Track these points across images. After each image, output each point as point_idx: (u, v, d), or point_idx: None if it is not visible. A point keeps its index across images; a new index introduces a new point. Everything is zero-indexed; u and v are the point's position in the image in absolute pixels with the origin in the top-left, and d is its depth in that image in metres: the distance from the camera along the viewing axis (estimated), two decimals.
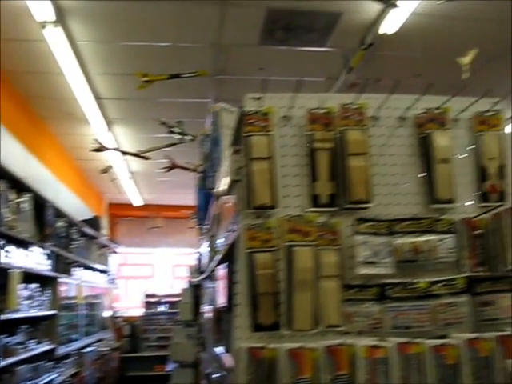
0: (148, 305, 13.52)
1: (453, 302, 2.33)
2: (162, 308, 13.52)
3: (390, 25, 5.56)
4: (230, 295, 2.58)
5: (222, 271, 3.10)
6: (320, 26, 5.85)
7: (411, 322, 2.30)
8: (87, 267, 9.79)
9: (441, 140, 2.52)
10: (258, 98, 2.40)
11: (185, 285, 8.51)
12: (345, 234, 2.34)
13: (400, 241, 2.35)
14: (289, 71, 6.75)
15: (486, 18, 5.62)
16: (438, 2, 5.05)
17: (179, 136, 6.83)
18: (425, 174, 2.51)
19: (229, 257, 2.76)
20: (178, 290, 9.91)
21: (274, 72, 6.71)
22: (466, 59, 5.41)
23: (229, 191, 2.68)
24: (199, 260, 6.78)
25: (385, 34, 5.76)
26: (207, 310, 4.68)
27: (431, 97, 2.60)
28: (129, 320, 13.23)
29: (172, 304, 12.78)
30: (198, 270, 6.91)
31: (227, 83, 7.03)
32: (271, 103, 2.42)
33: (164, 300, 13.50)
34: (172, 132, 6.87)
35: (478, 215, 2.47)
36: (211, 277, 4.25)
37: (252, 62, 6.53)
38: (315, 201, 2.38)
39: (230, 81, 6.96)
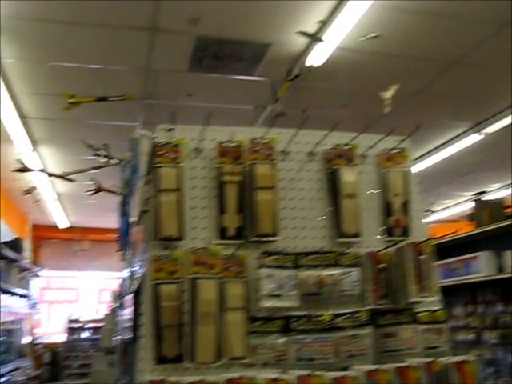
0: (71, 330, 13.08)
1: (356, 334, 2.39)
2: (85, 334, 13.11)
3: (316, 58, 5.73)
4: (135, 326, 2.54)
5: (129, 301, 3.05)
6: (249, 55, 5.96)
7: (315, 354, 2.33)
8: (6, 291, 9.39)
9: (348, 175, 2.60)
10: (170, 130, 2.41)
11: (107, 310, 8.30)
12: (251, 267, 2.36)
13: (305, 274, 2.39)
14: (217, 98, 6.84)
15: (407, 54, 5.88)
16: (361, 39, 5.26)
17: (105, 159, 6.71)
18: (332, 208, 2.58)
19: (138, 287, 2.72)
20: (102, 316, 9.65)
21: (203, 99, 6.80)
22: (388, 94, 5.63)
23: (139, 221, 2.66)
24: (121, 285, 6.64)
25: (311, 66, 5.92)
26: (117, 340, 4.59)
27: (340, 133, 2.69)
28: (50, 347, 12.74)
29: (96, 330, 12.42)
30: (119, 295, 6.76)
31: (156, 108, 7.02)
32: (182, 135, 2.43)
33: (88, 326, 13.10)
34: (97, 155, 6.74)
35: (383, 249, 2.55)
36: (122, 305, 4.18)
37: (181, 87, 6.56)
38: (223, 233, 2.39)
39: (159, 105, 6.95)
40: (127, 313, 3.22)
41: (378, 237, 2.65)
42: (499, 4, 4.97)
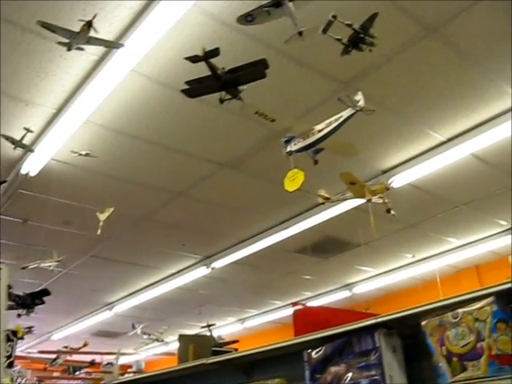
0: None
1: None
2: None
3: (32, 166, 5.33)
4: None
5: None
6: None
7: None
8: None
9: None
10: None
11: None
12: None
13: None
14: None
15: (130, 179, 5.77)
16: (73, 154, 5.01)
17: None
18: None
19: None
20: None
21: None
22: (103, 215, 5.37)
23: None
24: None
25: (28, 175, 5.48)
26: None
27: None
28: None
29: None
30: None
31: None
32: None
33: None
34: None
35: None
36: None
37: None
38: None
39: None
40: None
41: None
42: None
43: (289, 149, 3.58)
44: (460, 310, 2.01)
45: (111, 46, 3.55)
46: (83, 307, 10.62)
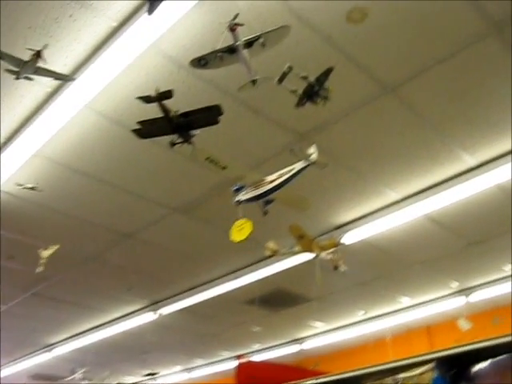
0: None
1: None
2: None
3: None
4: None
5: None
6: None
7: None
8: None
9: None
10: None
11: None
12: None
13: None
14: None
15: (77, 215, 5.58)
16: (18, 187, 4.83)
17: None
18: None
19: None
20: None
21: None
22: (46, 253, 5.18)
23: None
24: None
25: None
26: None
27: None
28: None
29: None
30: None
31: None
32: None
33: None
34: None
35: None
36: None
37: None
38: None
39: None
40: None
41: None
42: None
43: (238, 198, 3.50)
44: (401, 376, 1.96)
45: (61, 78, 3.45)
46: (22, 347, 10.13)
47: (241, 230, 3.43)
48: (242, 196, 3.48)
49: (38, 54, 2.94)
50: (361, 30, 3.41)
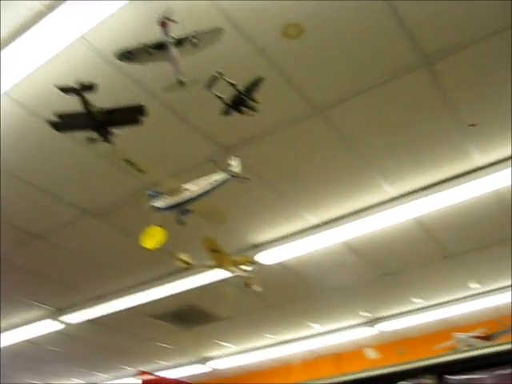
0: None
1: None
2: None
3: None
4: None
5: None
6: None
7: None
8: None
9: None
10: None
11: None
12: None
13: None
14: None
15: None
16: None
17: None
18: None
19: None
20: None
21: None
22: None
23: None
24: None
25: None
26: None
27: None
28: None
29: None
30: None
31: None
32: None
33: None
34: None
35: None
36: None
37: None
38: None
39: None
40: None
41: None
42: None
43: (154, 204, 3.35)
44: None
45: None
46: None
47: (153, 238, 3.29)
48: (159, 203, 3.34)
49: None
50: (296, 47, 3.39)
